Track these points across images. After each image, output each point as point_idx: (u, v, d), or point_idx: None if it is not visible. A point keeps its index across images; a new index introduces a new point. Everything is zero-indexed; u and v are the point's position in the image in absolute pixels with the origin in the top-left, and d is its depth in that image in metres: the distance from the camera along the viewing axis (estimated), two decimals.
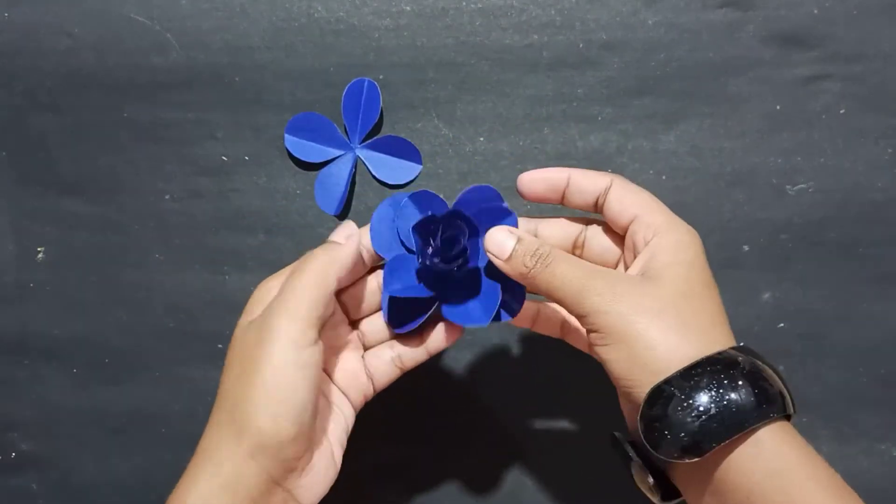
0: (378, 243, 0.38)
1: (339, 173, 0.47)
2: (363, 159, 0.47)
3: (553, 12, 0.46)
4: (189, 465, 0.34)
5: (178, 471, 0.50)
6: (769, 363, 0.32)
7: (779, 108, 0.46)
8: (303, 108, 0.47)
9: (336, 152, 0.47)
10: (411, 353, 0.39)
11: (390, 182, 0.47)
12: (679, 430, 0.30)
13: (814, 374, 0.47)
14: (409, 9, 0.46)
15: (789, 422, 0.31)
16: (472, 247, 0.37)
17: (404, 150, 0.47)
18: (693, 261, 0.34)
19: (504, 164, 0.47)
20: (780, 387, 0.31)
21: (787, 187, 0.46)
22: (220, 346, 0.48)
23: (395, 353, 0.39)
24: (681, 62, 0.46)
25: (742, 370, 0.31)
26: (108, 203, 0.48)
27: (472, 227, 0.37)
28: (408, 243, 0.38)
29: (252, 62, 0.47)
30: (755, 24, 0.45)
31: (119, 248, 0.48)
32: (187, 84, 0.47)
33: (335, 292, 0.36)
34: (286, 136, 0.47)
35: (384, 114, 0.47)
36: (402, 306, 0.38)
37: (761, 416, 0.30)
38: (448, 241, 0.36)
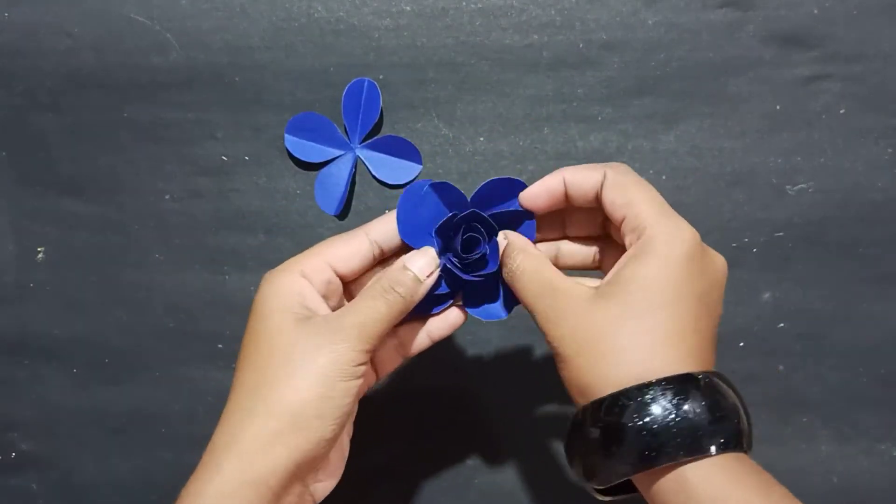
0: (406, 233, 0.37)
1: (339, 173, 0.47)
2: (363, 159, 0.47)
3: (553, 12, 0.46)
4: (204, 456, 0.33)
5: (178, 471, 0.50)
6: (736, 390, 0.31)
7: (779, 108, 0.46)
8: (303, 108, 0.47)
9: (336, 152, 0.47)
10: (414, 340, 0.38)
11: (390, 182, 0.47)
12: (580, 462, 0.31)
13: (814, 374, 0.47)
14: (409, 9, 0.46)
15: (745, 454, 0.30)
16: (493, 248, 0.37)
17: (404, 150, 0.47)
18: (663, 272, 0.31)
19: (504, 164, 0.47)
20: (735, 412, 0.30)
21: (787, 187, 0.46)
22: (220, 346, 0.48)
23: (397, 340, 0.39)
24: (681, 62, 0.46)
25: (682, 394, 0.29)
26: (108, 203, 0.48)
27: (490, 228, 0.37)
28: (432, 232, 0.38)
29: (252, 62, 0.47)
30: (755, 24, 0.45)
31: (119, 248, 0.48)
32: (187, 84, 0.47)
33: (344, 283, 0.37)
34: (286, 136, 0.47)
35: (384, 114, 0.47)
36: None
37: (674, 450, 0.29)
38: (468, 242, 0.37)
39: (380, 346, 0.38)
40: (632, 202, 0.33)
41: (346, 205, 0.47)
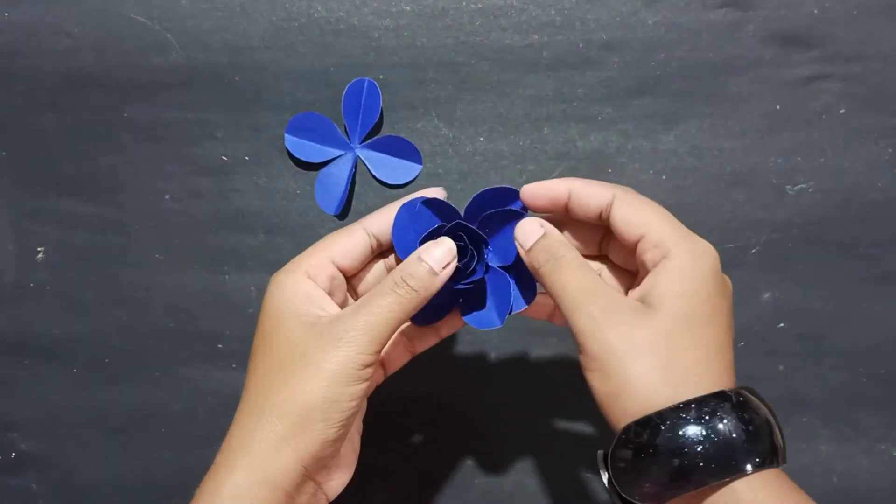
0: (402, 251, 0.37)
1: (339, 173, 0.47)
2: (363, 159, 0.47)
3: (553, 12, 0.46)
4: (218, 457, 0.33)
5: (178, 471, 0.50)
6: (766, 403, 0.31)
7: (779, 108, 0.46)
8: (303, 108, 0.47)
9: (336, 152, 0.47)
10: (422, 336, 0.39)
11: (390, 182, 0.47)
12: (642, 478, 0.30)
13: (814, 374, 0.47)
14: (409, 9, 0.46)
15: (780, 469, 0.30)
16: (479, 255, 0.37)
17: (404, 150, 0.47)
18: (697, 288, 0.32)
19: (504, 164, 0.47)
20: (768, 428, 0.30)
21: (787, 187, 0.46)
22: (220, 346, 0.48)
23: (406, 337, 0.39)
24: (681, 62, 0.46)
25: (718, 413, 0.29)
26: (108, 203, 0.48)
27: (476, 237, 0.37)
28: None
29: (252, 62, 0.47)
30: (755, 24, 0.45)
31: (119, 248, 0.48)
32: (187, 84, 0.47)
33: (345, 277, 0.37)
34: (286, 136, 0.47)
35: (384, 114, 0.47)
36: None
37: (739, 462, 0.29)
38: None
39: (389, 346, 0.38)
40: (649, 221, 0.33)
41: (346, 205, 0.47)
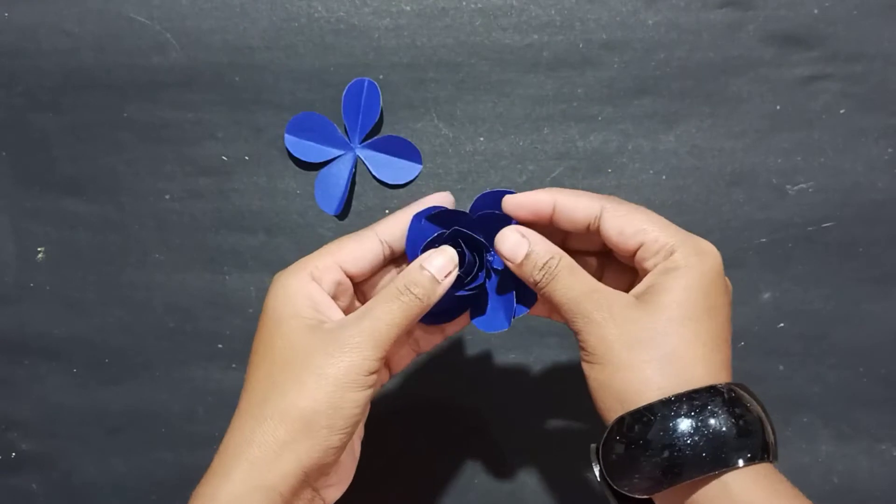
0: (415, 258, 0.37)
1: (339, 173, 0.47)
2: (363, 159, 0.47)
3: (553, 12, 0.46)
4: (215, 461, 0.33)
5: (178, 471, 0.50)
6: (759, 400, 0.31)
7: (779, 108, 0.46)
8: (303, 108, 0.47)
9: (336, 152, 0.47)
10: (427, 336, 0.39)
11: (390, 182, 0.47)
12: (634, 471, 0.30)
13: (814, 374, 0.47)
14: (409, 9, 0.46)
15: (771, 465, 0.31)
16: (481, 261, 0.37)
17: (404, 150, 0.47)
18: (699, 285, 0.32)
19: (504, 164, 0.47)
20: (759, 424, 0.30)
21: (787, 187, 0.46)
22: (220, 346, 0.48)
23: (412, 338, 0.39)
24: (681, 62, 0.46)
25: (709, 407, 0.30)
26: (108, 203, 0.48)
27: (476, 243, 0.37)
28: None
29: (252, 62, 0.47)
30: (755, 24, 0.45)
31: (119, 248, 0.48)
32: (187, 84, 0.47)
33: (354, 282, 0.37)
34: (286, 136, 0.47)
35: (384, 114, 0.47)
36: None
37: (731, 454, 0.29)
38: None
39: (394, 348, 0.37)
40: (645, 229, 0.33)
41: (346, 205, 0.47)
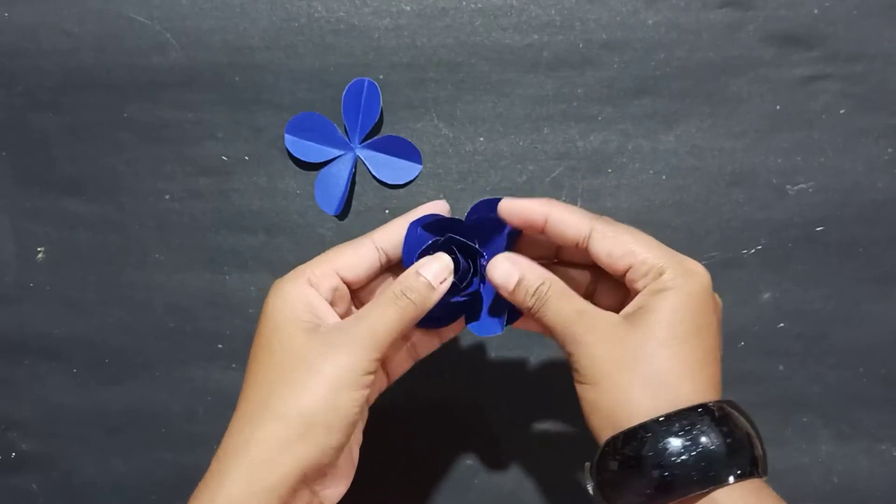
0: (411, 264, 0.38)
1: (339, 173, 0.47)
2: (363, 159, 0.47)
3: (553, 12, 0.46)
4: (213, 463, 0.33)
5: (178, 471, 0.50)
6: (747, 415, 0.32)
7: (779, 108, 0.46)
8: (303, 108, 0.47)
9: (336, 152, 0.47)
10: (424, 341, 0.39)
11: (390, 182, 0.47)
12: (626, 489, 0.31)
13: (814, 374, 0.47)
14: (409, 9, 0.46)
15: (761, 480, 0.31)
16: (475, 267, 0.38)
17: (404, 150, 0.47)
18: (688, 305, 0.32)
19: (504, 164, 0.47)
20: (748, 439, 0.31)
21: (787, 187, 0.46)
22: (220, 346, 0.48)
23: (409, 343, 0.39)
24: (681, 62, 0.46)
25: (699, 426, 0.30)
26: (108, 203, 0.48)
27: (470, 250, 0.37)
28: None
29: (252, 62, 0.47)
30: (755, 24, 0.45)
31: (119, 248, 0.48)
32: (187, 84, 0.47)
33: (351, 289, 0.37)
34: (286, 136, 0.47)
35: (384, 114, 0.47)
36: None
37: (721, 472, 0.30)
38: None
39: (391, 352, 0.38)
40: (633, 251, 0.33)
41: (346, 205, 0.47)
